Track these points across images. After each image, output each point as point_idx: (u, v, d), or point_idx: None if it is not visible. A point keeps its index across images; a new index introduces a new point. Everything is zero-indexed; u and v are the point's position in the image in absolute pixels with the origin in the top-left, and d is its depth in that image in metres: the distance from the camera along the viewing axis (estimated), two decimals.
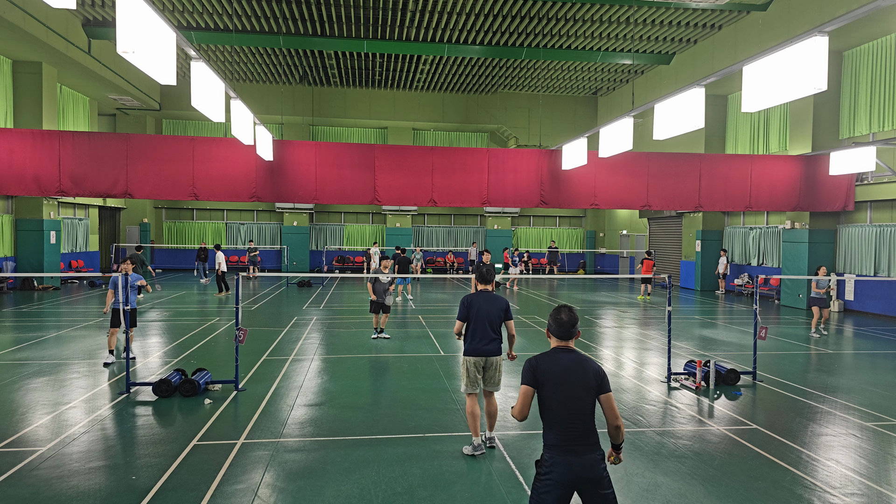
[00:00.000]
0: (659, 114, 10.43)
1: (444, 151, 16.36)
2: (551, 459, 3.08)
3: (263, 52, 21.87)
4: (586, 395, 3.12)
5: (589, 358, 3.26)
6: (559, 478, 3.03)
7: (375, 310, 11.03)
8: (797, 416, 6.76)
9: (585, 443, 3.08)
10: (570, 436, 3.07)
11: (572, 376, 3.13)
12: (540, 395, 3.16)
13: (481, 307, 5.44)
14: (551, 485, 3.04)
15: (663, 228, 25.02)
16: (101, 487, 4.64)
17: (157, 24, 6.45)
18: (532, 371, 3.18)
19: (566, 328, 3.24)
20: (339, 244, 29.73)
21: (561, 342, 3.27)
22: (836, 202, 16.34)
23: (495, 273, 5.72)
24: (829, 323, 14.08)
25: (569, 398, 3.10)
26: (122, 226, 27.45)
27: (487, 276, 5.62)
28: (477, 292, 5.58)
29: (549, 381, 3.13)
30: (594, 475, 3.04)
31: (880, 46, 15.11)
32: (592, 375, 3.16)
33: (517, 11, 17.54)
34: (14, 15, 14.85)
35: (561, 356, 3.20)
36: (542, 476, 3.10)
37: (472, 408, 5.38)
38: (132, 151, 14.66)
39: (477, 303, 5.47)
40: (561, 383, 3.12)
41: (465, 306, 5.50)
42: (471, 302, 5.48)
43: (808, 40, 6.85)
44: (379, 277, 10.74)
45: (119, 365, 8.65)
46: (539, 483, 3.10)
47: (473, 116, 27.83)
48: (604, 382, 3.17)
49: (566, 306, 3.31)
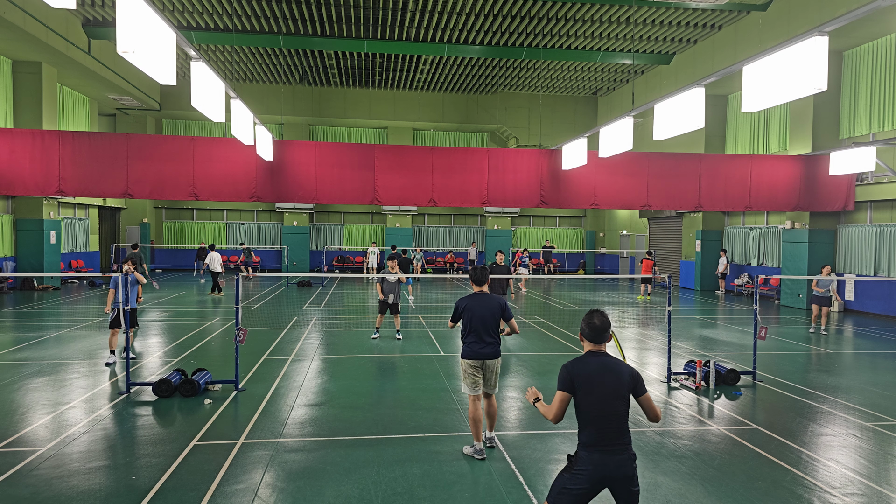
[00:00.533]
0: (659, 114, 10.43)
1: (444, 151, 16.36)
2: (587, 457, 3.17)
3: (263, 52, 21.87)
4: (620, 398, 3.20)
5: (622, 361, 3.33)
6: (591, 475, 3.14)
7: (382, 309, 11.06)
8: (797, 416, 6.76)
9: (619, 442, 3.17)
10: (603, 436, 3.16)
11: (606, 379, 3.22)
12: (575, 398, 3.26)
13: (475, 310, 5.38)
14: (582, 479, 3.15)
15: (663, 228, 25.02)
16: (101, 487, 4.64)
17: (157, 24, 6.45)
18: (569, 377, 3.25)
19: (599, 332, 3.31)
20: (339, 244, 29.73)
21: (594, 346, 3.33)
22: (836, 202, 16.34)
23: (489, 274, 5.67)
24: (830, 322, 14.10)
25: (603, 400, 3.18)
26: (122, 226, 27.45)
27: (481, 277, 5.57)
28: (471, 294, 5.53)
29: (584, 385, 3.22)
30: (626, 474, 3.14)
31: (880, 46, 15.11)
32: (627, 377, 3.24)
33: (517, 11, 17.54)
34: (14, 15, 14.85)
35: (595, 360, 3.28)
36: (574, 469, 3.19)
37: (474, 412, 5.33)
38: (132, 151, 14.66)
39: (470, 306, 5.41)
40: (595, 385, 3.20)
41: (457, 310, 5.48)
42: (464, 306, 5.45)
43: (808, 40, 6.85)
44: (387, 277, 10.80)
45: (119, 365, 8.65)
46: (569, 474, 3.20)
47: (473, 116, 27.83)
48: (639, 385, 3.25)
49: (598, 311, 3.37)
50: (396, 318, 11.13)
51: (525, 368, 8.93)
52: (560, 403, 3.27)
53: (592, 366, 3.25)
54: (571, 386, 3.24)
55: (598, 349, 3.32)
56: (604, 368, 3.24)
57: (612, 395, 3.18)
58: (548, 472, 5.07)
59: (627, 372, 3.24)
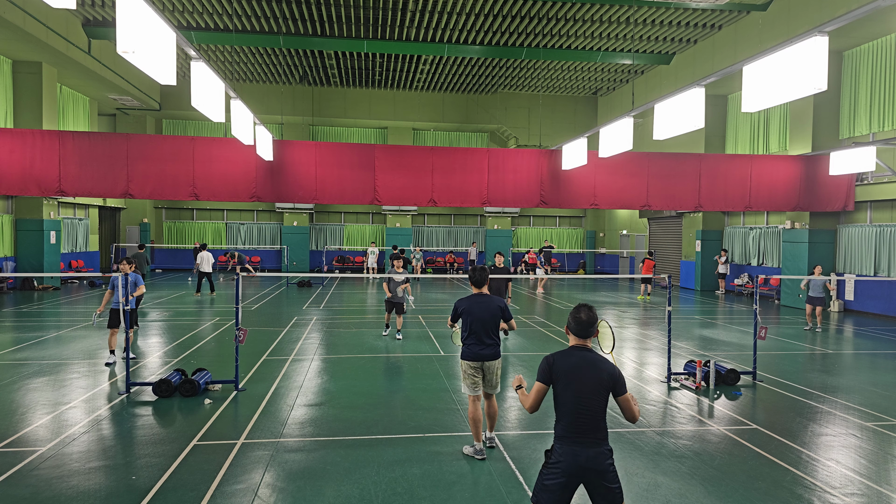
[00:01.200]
0: (659, 114, 10.43)
1: (444, 151, 16.37)
2: (560, 449, 3.17)
3: (263, 52, 21.87)
4: (597, 394, 3.20)
5: (606, 360, 3.32)
6: (565, 467, 3.13)
7: (389, 308, 11.19)
8: (797, 416, 6.76)
9: (594, 437, 3.16)
10: (578, 429, 3.16)
11: (586, 374, 3.22)
12: (554, 390, 3.28)
13: (473, 312, 5.37)
14: (557, 472, 3.14)
15: (663, 228, 25.02)
16: (101, 487, 4.64)
17: (157, 24, 6.44)
18: (548, 368, 3.28)
19: (585, 327, 3.32)
20: (339, 244, 29.73)
21: (579, 340, 3.34)
22: (836, 202, 16.33)
23: (488, 275, 5.68)
24: (827, 321, 14.10)
25: (580, 394, 3.19)
26: (122, 226, 27.46)
27: (480, 278, 5.54)
28: (471, 296, 5.52)
29: (562, 377, 3.23)
30: (599, 468, 3.12)
31: (880, 46, 15.11)
32: (607, 376, 3.23)
33: (517, 11, 17.54)
34: (14, 15, 14.85)
35: (577, 353, 3.29)
36: (549, 464, 3.20)
37: (474, 412, 5.32)
38: (132, 151, 14.66)
39: (469, 307, 5.40)
40: (574, 379, 3.21)
41: (456, 310, 5.48)
42: (463, 307, 5.43)
43: (808, 40, 6.85)
44: (393, 277, 10.84)
45: (119, 365, 8.65)
46: (545, 470, 3.21)
47: (473, 116, 27.83)
48: (618, 384, 3.24)
49: (585, 305, 3.38)
50: (399, 318, 11.16)
51: (525, 368, 8.93)
52: (537, 394, 3.30)
53: (574, 359, 3.25)
54: (549, 378, 3.26)
55: (582, 343, 3.33)
56: (584, 363, 3.24)
57: (590, 390, 3.18)
58: None
59: (608, 370, 3.24)
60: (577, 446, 3.14)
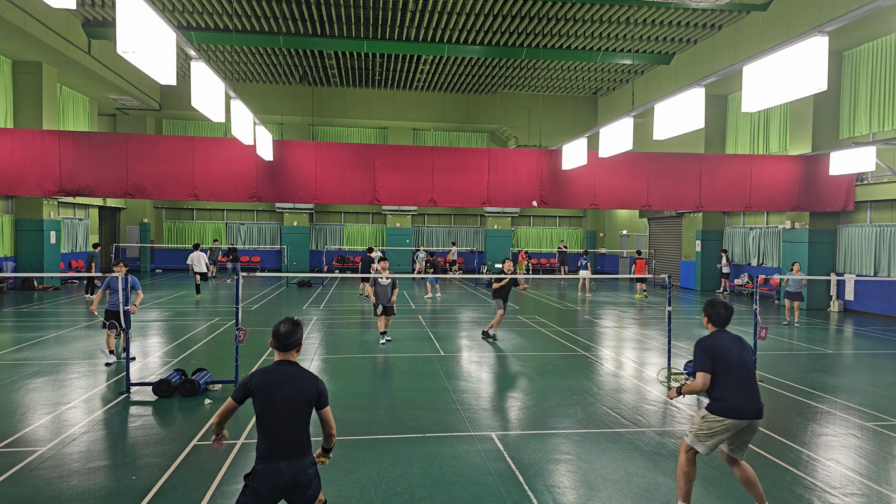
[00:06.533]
0: (659, 114, 10.43)
1: (444, 151, 16.36)
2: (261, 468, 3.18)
3: (263, 52, 21.87)
4: (299, 408, 3.23)
5: (310, 373, 3.37)
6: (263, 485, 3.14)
7: (378, 313, 10.90)
8: (797, 416, 6.76)
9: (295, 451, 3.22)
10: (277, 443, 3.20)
11: (287, 388, 3.24)
12: (255, 407, 3.24)
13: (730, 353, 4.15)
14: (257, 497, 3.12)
15: (663, 228, 25.02)
16: (101, 487, 4.64)
17: (157, 24, 6.45)
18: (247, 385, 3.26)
19: (283, 340, 3.30)
20: (339, 244, 29.73)
21: (282, 355, 3.34)
22: (836, 202, 16.33)
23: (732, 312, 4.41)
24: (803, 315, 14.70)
25: (281, 409, 3.20)
26: (122, 226, 27.46)
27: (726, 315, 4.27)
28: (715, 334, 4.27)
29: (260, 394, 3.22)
30: (304, 480, 3.19)
31: (880, 46, 15.11)
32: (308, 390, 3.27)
33: (517, 11, 17.54)
34: (14, 15, 14.85)
35: (278, 369, 3.29)
36: (249, 482, 3.20)
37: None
38: (132, 151, 14.66)
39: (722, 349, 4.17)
40: (276, 394, 3.21)
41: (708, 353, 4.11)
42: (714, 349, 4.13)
43: (808, 40, 6.85)
44: (379, 281, 10.67)
45: (119, 365, 8.65)
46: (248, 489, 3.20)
47: (473, 116, 27.83)
48: (322, 399, 3.33)
49: (286, 319, 3.37)
50: (388, 319, 10.75)
51: (525, 368, 8.93)
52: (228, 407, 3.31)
53: (280, 374, 3.25)
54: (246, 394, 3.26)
55: (284, 357, 3.33)
56: (285, 377, 3.26)
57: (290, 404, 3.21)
58: (548, 472, 5.07)
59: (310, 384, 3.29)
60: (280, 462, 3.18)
